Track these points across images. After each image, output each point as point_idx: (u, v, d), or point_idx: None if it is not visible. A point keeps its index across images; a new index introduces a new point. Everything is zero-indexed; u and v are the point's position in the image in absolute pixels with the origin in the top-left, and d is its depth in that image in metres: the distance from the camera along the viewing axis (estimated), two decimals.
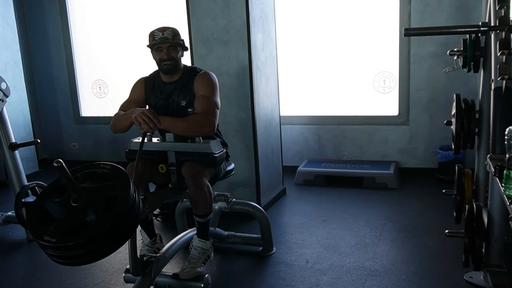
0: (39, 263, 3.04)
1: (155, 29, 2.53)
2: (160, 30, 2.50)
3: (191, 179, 2.39)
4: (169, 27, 2.53)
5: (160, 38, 2.48)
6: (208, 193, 2.45)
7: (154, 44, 2.50)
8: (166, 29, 2.51)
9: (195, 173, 2.39)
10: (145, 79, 2.71)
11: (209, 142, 2.42)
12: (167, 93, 2.59)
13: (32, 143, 3.63)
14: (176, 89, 2.58)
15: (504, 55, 1.96)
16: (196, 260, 2.47)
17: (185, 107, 2.52)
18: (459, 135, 2.53)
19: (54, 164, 1.69)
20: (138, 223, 1.93)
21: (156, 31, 2.50)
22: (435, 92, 4.36)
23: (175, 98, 2.57)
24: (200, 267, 2.44)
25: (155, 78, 2.66)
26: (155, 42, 2.49)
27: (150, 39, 2.52)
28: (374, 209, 3.73)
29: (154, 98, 2.62)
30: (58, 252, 1.73)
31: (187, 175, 2.41)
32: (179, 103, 2.56)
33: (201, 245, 2.51)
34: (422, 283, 2.56)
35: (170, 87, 2.59)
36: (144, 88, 2.67)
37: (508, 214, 1.73)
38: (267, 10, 3.77)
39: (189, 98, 2.55)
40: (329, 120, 4.75)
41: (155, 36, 2.49)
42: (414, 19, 4.27)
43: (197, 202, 2.44)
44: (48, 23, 5.45)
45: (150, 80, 2.68)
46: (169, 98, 2.58)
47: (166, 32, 2.49)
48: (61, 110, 5.65)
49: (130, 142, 2.56)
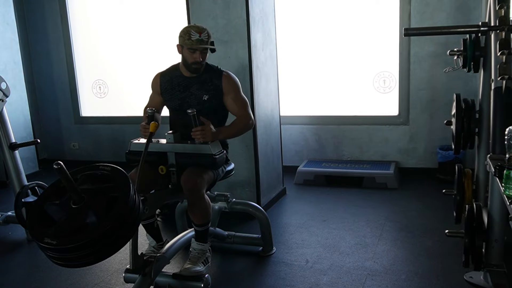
0: (39, 263, 3.04)
1: (191, 27, 2.50)
2: (197, 31, 2.47)
3: (189, 192, 2.41)
4: (204, 28, 2.51)
5: (197, 40, 2.46)
6: (207, 204, 2.47)
7: (189, 44, 2.47)
8: (202, 30, 2.49)
9: (193, 186, 2.39)
10: (161, 74, 2.75)
11: (209, 143, 2.42)
12: (185, 86, 2.64)
13: (32, 143, 3.63)
14: (197, 83, 2.62)
15: (504, 55, 1.96)
16: (196, 259, 2.50)
17: (206, 101, 2.60)
18: (459, 135, 2.54)
19: (54, 166, 1.69)
20: (138, 224, 1.93)
21: (193, 32, 2.46)
22: (435, 92, 4.36)
23: (195, 91, 2.62)
24: (199, 266, 2.46)
25: (172, 72, 2.70)
26: (191, 43, 2.47)
27: (185, 38, 2.48)
28: (374, 209, 3.73)
29: (170, 91, 2.67)
30: (58, 254, 1.73)
31: (185, 187, 2.42)
32: (200, 96, 2.61)
33: (199, 247, 2.54)
34: (422, 283, 2.57)
35: (190, 80, 2.63)
36: (160, 83, 2.71)
37: (508, 214, 1.73)
38: (267, 10, 3.77)
39: (212, 94, 2.62)
40: (329, 120, 4.75)
41: (191, 36, 2.46)
42: (414, 19, 4.27)
43: (196, 214, 2.47)
44: (48, 23, 5.45)
45: (167, 74, 2.71)
46: (187, 91, 2.63)
47: (203, 35, 2.47)
48: (61, 110, 5.65)
49: (130, 143, 2.56)
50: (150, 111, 2.44)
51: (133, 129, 5.03)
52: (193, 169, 2.47)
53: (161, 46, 5.00)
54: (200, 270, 2.44)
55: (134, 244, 2.17)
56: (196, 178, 2.42)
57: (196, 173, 2.44)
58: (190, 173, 2.44)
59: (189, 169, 2.47)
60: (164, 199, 2.61)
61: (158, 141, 2.51)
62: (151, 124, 2.33)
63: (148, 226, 2.64)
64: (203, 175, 2.46)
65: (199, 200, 2.43)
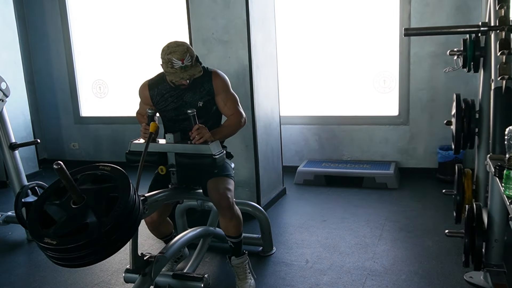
0: (39, 263, 3.04)
1: (171, 54, 2.33)
2: (178, 58, 2.31)
3: (225, 210, 2.46)
4: (185, 51, 2.33)
5: (180, 68, 2.33)
6: (240, 215, 2.55)
7: (173, 75, 2.36)
8: (184, 54, 2.32)
9: (227, 203, 2.45)
10: (148, 84, 2.61)
11: (209, 144, 2.41)
12: (177, 96, 2.54)
13: (32, 143, 3.62)
14: (189, 91, 2.52)
15: (504, 55, 1.96)
16: (244, 274, 2.59)
17: (202, 107, 2.53)
18: (459, 135, 2.54)
19: (54, 166, 1.68)
20: (138, 224, 1.93)
21: (175, 60, 2.31)
22: (435, 92, 4.36)
23: (188, 100, 2.53)
24: (250, 279, 2.60)
25: (160, 84, 2.58)
26: (175, 72, 2.34)
27: (168, 66, 2.34)
28: (374, 209, 3.73)
29: (163, 102, 2.57)
30: (58, 254, 1.72)
31: (219, 205, 2.47)
32: (195, 103, 2.52)
33: (240, 260, 2.60)
34: (422, 283, 2.57)
35: (182, 90, 2.53)
36: (150, 96, 2.60)
37: (508, 214, 1.73)
38: (267, 10, 3.77)
39: (206, 99, 2.54)
40: (329, 120, 4.75)
41: (174, 65, 2.32)
42: (414, 19, 4.27)
43: (232, 227, 2.52)
44: (48, 23, 5.45)
45: (154, 85, 2.59)
46: (180, 100, 2.54)
47: (185, 60, 2.32)
48: (61, 110, 5.65)
49: (130, 143, 2.55)
50: (150, 111, 2.43)
51: (133, 129, 5.03)
52: (217, 183, 2.50)
53: (161, 46, 5.00)
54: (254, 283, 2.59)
55: (134, 244, 2.17)
56: (226, 192, 2.47)
57: (224, 188, 2.48)
58: (217, 188, 2.48)
59: (214, 185, 2.49)
60: (164, 199, 2.60)
61: (158, 141, 2.51)
62: (151, 124, 2.33)
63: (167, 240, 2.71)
64: (229, 186, 2.52)
65: (234, 213, 2.50)
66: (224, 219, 2.51)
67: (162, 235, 2.72)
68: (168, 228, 2.73)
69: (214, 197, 2.48)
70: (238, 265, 2.60)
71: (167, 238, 2.74)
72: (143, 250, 2.56)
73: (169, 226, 2.74)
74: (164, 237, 2.74)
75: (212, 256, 3.04)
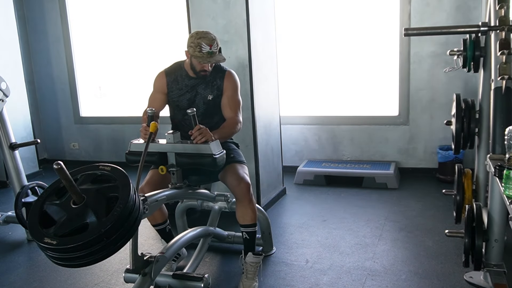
0: (39, 263, 3.04)
1: (201, 39, 2.49)
2: (207, 43, 2.48)
3: (245, 194, 2.54)
4: (214, 38, 2.52)
5: (208, 53, 2.49)
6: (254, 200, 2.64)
7: (200, 58, 2.50)
8: (213, 41, 2.50)
9: (247, 188, 2.54)
10: (165, 72, 2.73)
11: (209, 143, 2.41)
12: (191, 86, 2.68)
13: (32, 143, 3.62)
14: (202, 83, 2.67)
15: (504, 55, 1.96)
16: (253, 274, 2.60)
17: (211, 101, 2.68)
18: (459, 135, 2.54)
19: (54, 166, 1.69)
20: (138, 224, 1.93)
21: (204, 44, 2.48)
22: (435, 92, 4.36)
23: (201, 91, 2.67)
24: (256, 281, 2.60)
25: (177, 71, 2.70)
26: (202, 56, 2.50)
27: (195, 49, 2.49)
28: (374, 209, 3.73)
29: (177, 91, 2.69)
30: (58, 254, 1.72)
31: (239, 190, 2.54)
32: (205, 96, 2.67)
33: (256, 260, 2.63)
34: (422, 283, 2.57)
35: (196, 81, 2.67)
36: (166, 81, 2.71)
37: (508, 214, 1.73)
38: (267, 10, 3.77)
39: (216, 94, 2.68)
40: (329, 120, 4.75)
41: (202, 49, 2.48)
42: (414, 19, 4.27)
43: (251, 212, 2.59)
44: (48, 23, 5.45)
45: (172, 72, 2.71)
46: (193, 91, 2.67)
47: (213, 46, 2.50)
48: (61, 110, 5.65)
49: (130, 143, 2.55)
50: (150, 111, 2.44)
51: (133, 129, 5.05)
52: (235, 168, 2.60)
53: (161, 46, 5.01)
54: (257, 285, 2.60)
55: (134, 244, 2.17)
56: (245, 176, 2.59)
57: (243, 172, 2.60)
58: (236, 173, 2.57)
59: (233, 169, 2.59)
60: (165, 199, 2.60)
61: (158, 141, 2.51)
62: (151, 124, 2.33)
63: (161, 231, 2.76)
64: (247, 172, 2.64)
65: (252, 199, 2.60)
66: (242, 205, 2.57)
67: (155, 221, 2.73)
68: (161, 213, 2.73)
69: (233, 181, 2.56)
70: (252, 264, 2.61)
71: (159, 227, 2.75)
72: (143, 250, 2.55)
73: (162, 212, 2.74)
74: (157, 224, 2.74)
75: (212, 256, 3.04)
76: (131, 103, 5.31)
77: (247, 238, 2.63)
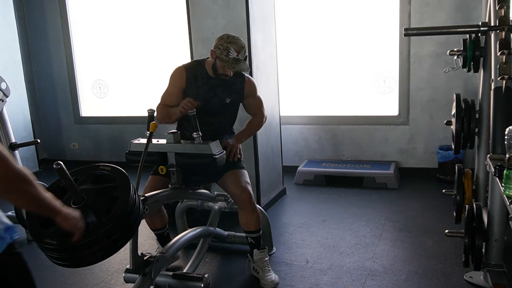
0: (39, 263, 3.03)
1: (231, 44, 2.48)
2: (236, 49, 2.47)
3: (247, 203, 2.56)
4: (243, 46, 2.51)
5: (234, 60, 2.48)
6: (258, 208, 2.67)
7: (225, 62, 2.49)
8: (241, 49, 2.49)
9: (249, 197, 2.56)
10: (185, 67, 2.68)
11: (209, 143, 2.41)
12: (210, 86, 2.65)
13: (32, 143, 3.62)
14: (221, 86, 2.66)
15: (504, 55, 1.96)
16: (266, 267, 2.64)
17: (228, 104, 2.68)
18: (459, 135, 2.54)
19: (54, 166, 1.69)
20: (138, 224, 1.93)
21: (232, 50, 2.46)
22: (435, 92, 4.36)
23: (219, 93, 2.66)
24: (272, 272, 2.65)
25: (197, 68, 2.67)
26: (228, 60, 2.48)
27: (223, 52, 2.48)
28: (374, 209, 3.73)
29: (195, 89, 2.64)
30: (58, 254, 1.73)
31: (241, 199, 2.55)
32: (223, 99, 2.67)
33: (263, 254, 2.67)
34: (422, 283, 2.57)
35: (215, 82, 2.64)
36: (186, 76, 2.65)
37: (508, 214, 1.73)
38: (267, 10, 3.77)
39: (234, 98, 2.70)
40: (329, 120, 4.75)
41: (230, 53, 2.47)
42: (414, 19, 4.27)
43: (255, 220, 2.61)
44: (48, 23, 5.45)
45: (192, 69, 2.67)
46: (211, 91, 2.65)
47: (240, 54, 2.49)
48: (61, 110, 5.65)
49: (130, 143, 2.56)
50: (150, 111, 2.45)
51: (133, 129, 5.05)
52: (236, 176, 2.60)
53: (161, 45, 5.00)
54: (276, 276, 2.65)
55: (134, 244, 2.17)
56: (247, 186, 2.59)
57: (244, 181, 2.60)
58: (238, 182, 2.58)
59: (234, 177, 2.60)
60: (165, 199, 2.60)
61: (158, 141, 2.51)
62: (151, 124, 2.33)
63: (159, 235, 2.77)
64: (248, 180, 2.64)
65: (255, 207, 2.61)
66: (246, 213, 2.58)
67: (154, 226, 2.73)
68: (161, 219, 2.73)
69: (235, 190, 2.57)
70: (260, 259, 2.65)
71: (159, 232, 2.75)
72: (143, 250, 2.56)
73: (162, 218, 2.74)
74: (156, 229, 2.74)
75: (212, 256, 3.04)
76: (131, 103, 5.31)
77: (253, 242, 2.68)
